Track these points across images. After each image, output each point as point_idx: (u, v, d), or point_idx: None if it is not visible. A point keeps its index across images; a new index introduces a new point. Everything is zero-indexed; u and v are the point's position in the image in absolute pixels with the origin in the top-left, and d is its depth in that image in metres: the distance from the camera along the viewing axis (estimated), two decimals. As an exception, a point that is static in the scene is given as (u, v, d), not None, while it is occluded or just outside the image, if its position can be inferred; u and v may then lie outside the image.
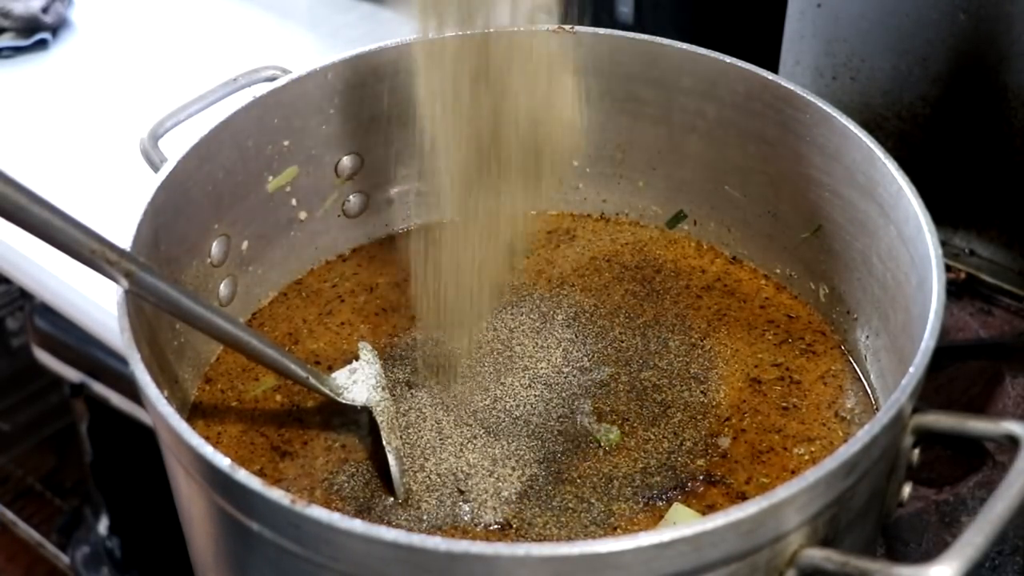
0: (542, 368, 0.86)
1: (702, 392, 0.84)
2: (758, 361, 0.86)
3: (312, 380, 0.79)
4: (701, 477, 0.78)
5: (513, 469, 0.78)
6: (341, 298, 0.93)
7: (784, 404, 0.83)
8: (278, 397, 0.84)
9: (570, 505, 0.76)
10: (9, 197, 0.63)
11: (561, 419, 0.82)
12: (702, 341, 0.88)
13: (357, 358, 0.84)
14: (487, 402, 0.83)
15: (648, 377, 0.85)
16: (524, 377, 0.85)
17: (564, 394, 0.84)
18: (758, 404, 0.83)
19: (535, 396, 0.84)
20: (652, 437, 0.81)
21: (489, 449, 0.79)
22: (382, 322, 0.91)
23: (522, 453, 0.79)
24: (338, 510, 0.75)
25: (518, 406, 0.83)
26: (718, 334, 0.89)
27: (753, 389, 0.84)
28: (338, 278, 0.95)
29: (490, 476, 0.78)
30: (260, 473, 0.78)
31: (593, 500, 0.76)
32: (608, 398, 0.83)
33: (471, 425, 0.81)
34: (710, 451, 0.79)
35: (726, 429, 0.81)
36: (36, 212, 0.64)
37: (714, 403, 0.83)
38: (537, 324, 0.90)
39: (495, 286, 0.86)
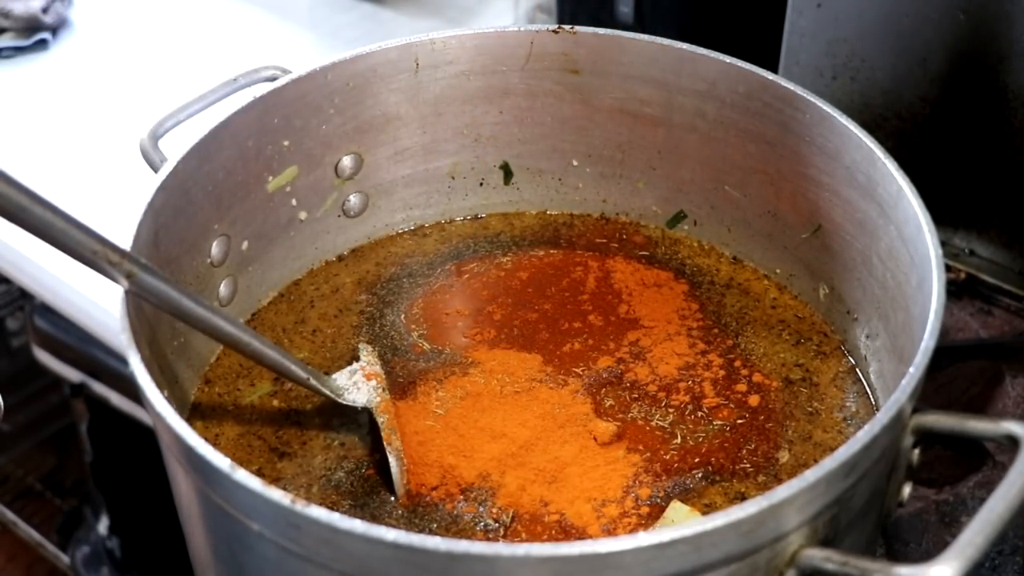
0: (551, 363, 0.86)
1: (754, 392, 0.84)
2: (784, 360, 0.87)
3: (313, 381, 0.79)
4: (700, 476, 0.78)
5: (514, 467, 0.78)
6: (312, 303, 0.93)
7: (810, 409, 0.83)
8: (275, 402, 0.84)
9: (570, 503, 0.76)
10: (11, 198, 0.63)
11: (563, 416, 0.82)
12: (737, 339, 0.88)
13: (357, 359, 0.84)
14: (493, 398, 0.83)
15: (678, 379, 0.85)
16: (527, 373, 0.85)
17: (569, 390, 0.84)
18: (793, 408, 0.83)
19: (540, 392, 0.84)
20: (656, 435, 0.81)
21: (490, 448, 0.79)
22: (339, 321, 0.91)
23: (523, 451, 0.79)
24: (335, 505, 0.76)
25: (524, 401, 0.83)
26: (746, 333, 0.89)
27: (790, 391, 0.84)
28: (323, 281, 0.95)
29: (491, 475, 0.78)
30: (259, 473, 0.78)
31: (595, 498, 0.76)
32: (616, 394, 0.83)
33: (474, 423, 0.81)
34: (771, 464, 0.79)
35: (781, 441, 0.81)
36: (38, 213, 0.64)
37: (766, 406, 0.83)
38: (553, 319, 0.90)
39: None
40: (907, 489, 0.70)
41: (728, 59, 0.89)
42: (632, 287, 0.93)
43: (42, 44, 1.56)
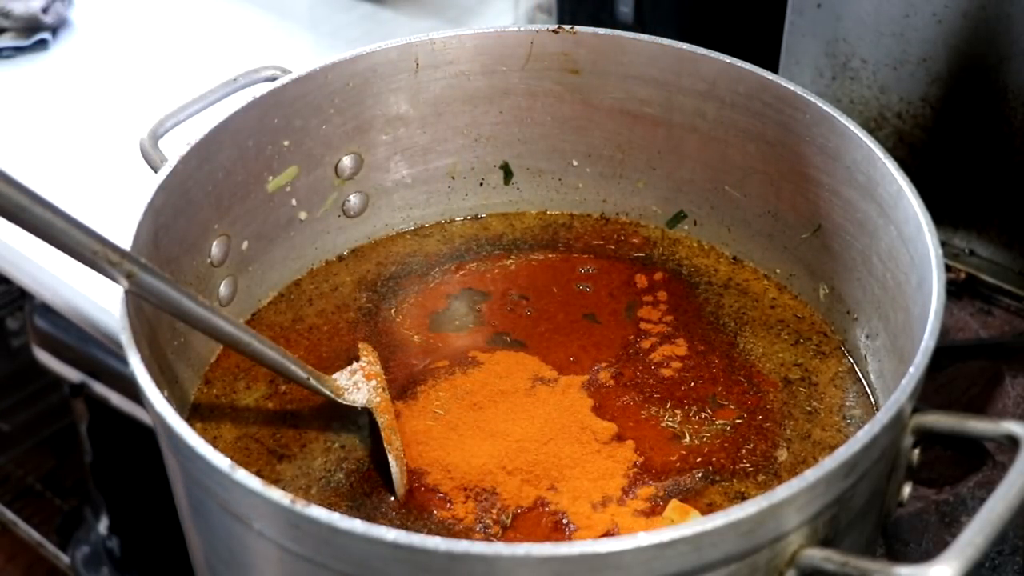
0: (551, 363, 0.86)
1: (753, 392, 0.84)
2: (783, 360, 0.87)
3: (313, 381, 0.79)
4: (700, 475, 0.78)
5: (514, 467, 0.78)
6: (311, 301, 0.93)
7: (808, 408, 0.83)
8: (270, 405, 0.84)
9: (571, 503, 0.76)
10: (11, 198, 0.63)
11: (563, 416, 0.82)
12: (735, 339, 0.88)
13: (356, 358, 0.84)
14: (493, 398, 0.83)
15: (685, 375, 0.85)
16: (527, 373, 0.85)
17: (569, 390, 0.84)
18: (792, 408, 0.83)
19: (540, 392, 0.84)
20: (655, 435, 0.81)
21: (490, 448, 0.79)
22: (339, 321, 0.91)
23: (523, 451, 0.79)
24: (335, 505, 0.76)
25: (524, 402, 0.83)
26: (744, 334, 0.89)
27: (789, 391, 0.84)
28: (323, 281, 0.95)
29: (491, 474, 0.78)
30: (258, 475, 0.78)
31: (594, 498, 0.76)
32: (616, 394, 0.83)
33: (474, 423, 0.81)
34: (770, 463, 0.79)
35: (780, 440, 0.81)
36: (38, 213, 0.64)
37: (764, 406, 0.83)
38: (553, 319, 0.90)
39: None
40: (907, 489, 0.70)
41: (728, 59, 0.89)
42: (632, 288, 0.93)
43: (42, 44, 1.56)
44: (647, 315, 0.91)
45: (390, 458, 0.77)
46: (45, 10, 1.55)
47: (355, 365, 0.83)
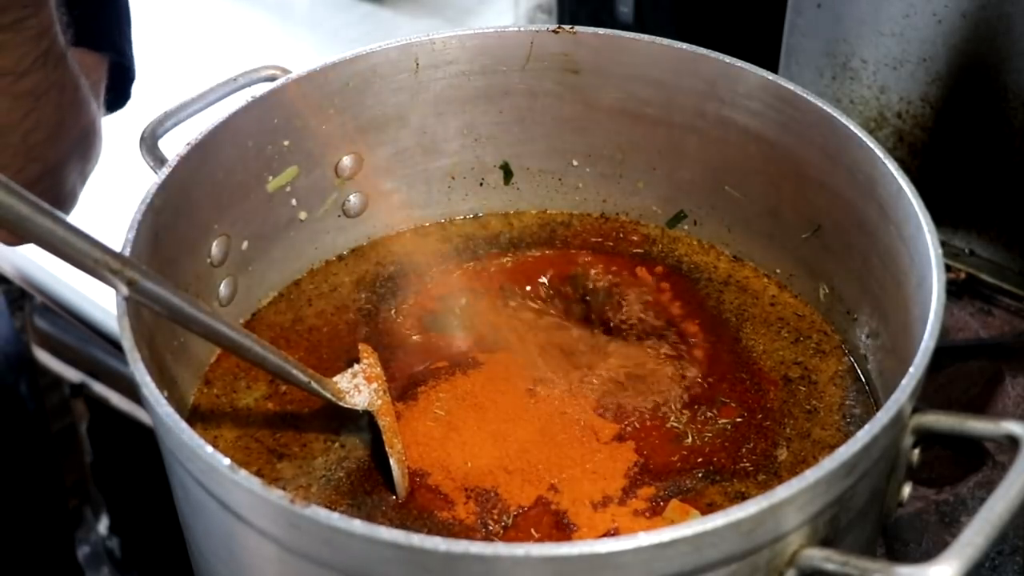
0: (551, 364, 0.86)
1: (753, 390, 0.84)
2: (783, 358, 0.87)
3: (315, 385, 0.79)
4: (700, 475, 0.78)
5: (515, 467, 0.78)
6: (311, 302, 0.93)
7: (808, 407, 0.83)
8: (270, 405, 0.84)
9: (571, 503, 0.76)
10: (12, 208, 0.63)
11: (564, 416, 0.82)
12: (736, 336, 0.88)
13: (356, 359, 0.84)
14: (494, 398, 0.83)
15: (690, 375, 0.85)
16: (528, 373, 0.85)
17: (570, 390, 0.84)
18: (792, 407, 0.83)
19: (540, 392, 0.84)
20: (656, 435, 0.81)
21: (491, 448, 0.79)
22: (339, 321, 0.91)
23: (524, 451, 0.79)
24: (335, 504, 0.76)
25: (524, 402, 0.83)
26: (744, 330, 0.89)
27: (789, 390, 0.84)
28: (323, 281, 0.95)
29: (491, 475, 0.77)
30: (258, 474, 0.78)
31: (595, 498, 0.76)
32: (616, 394, 0.83)
33: (475, 423, 0.81)
34: (770, 462, 0.79)
35: (780, 439, 0.81)
36: (39, 222, 0.64)
37: (764, 404, 0.83)
38: (553, 319, 0.90)
39: None
40: (907, 489, 0.70)
41: (728, 59, 0.89)
42: (631, 286, 0.93)
43: (42, 44, 1.56)
44: (647, 314, 0.90)
45: (392, 462, 0.77)
46: (45, 10, 1.55)
47: (356, 367, 0.82)
